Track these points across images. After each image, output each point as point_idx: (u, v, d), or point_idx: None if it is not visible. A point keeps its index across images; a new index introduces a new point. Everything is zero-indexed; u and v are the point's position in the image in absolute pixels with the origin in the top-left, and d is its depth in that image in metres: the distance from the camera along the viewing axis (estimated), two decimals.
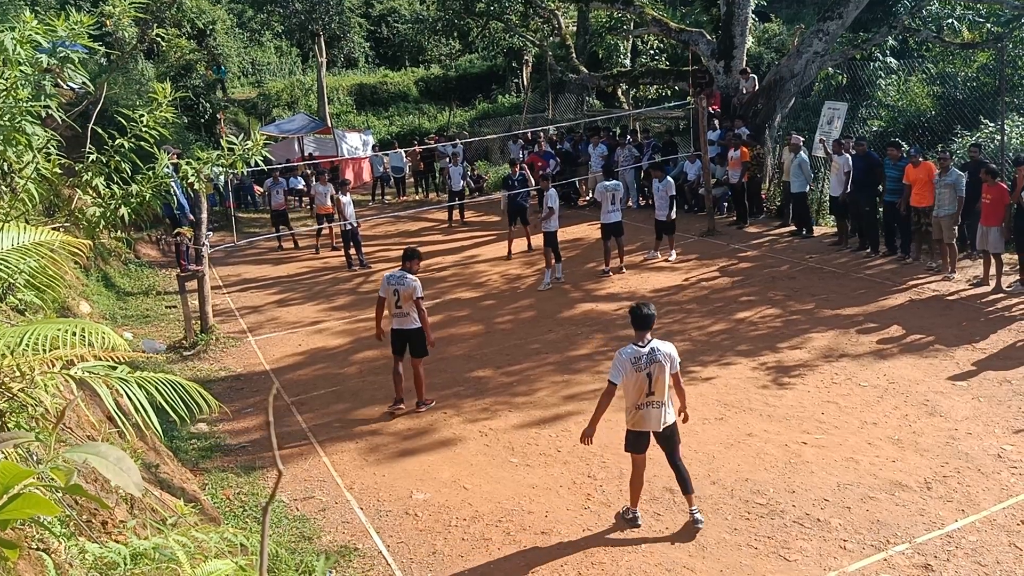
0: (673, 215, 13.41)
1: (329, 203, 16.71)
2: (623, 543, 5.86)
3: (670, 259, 13.44)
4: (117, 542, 3.41)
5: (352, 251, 15.26)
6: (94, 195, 5.58)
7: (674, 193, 13.50)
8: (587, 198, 19.20)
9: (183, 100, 25.18)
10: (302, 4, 30.43)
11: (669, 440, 5.98)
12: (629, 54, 28.18)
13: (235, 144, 5.96)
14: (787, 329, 9.94)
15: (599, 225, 13.07)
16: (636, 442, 5.98)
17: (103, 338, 3.50)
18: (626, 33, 25.60)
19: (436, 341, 8.69)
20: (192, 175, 5.92)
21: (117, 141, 5.54)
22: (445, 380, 9.12)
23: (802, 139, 14.36)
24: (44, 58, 5.04)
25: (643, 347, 5.84)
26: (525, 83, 32.68)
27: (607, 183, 12.92)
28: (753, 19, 19.60)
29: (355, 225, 15.19)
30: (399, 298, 8.12)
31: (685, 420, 6.23)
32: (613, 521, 6.15)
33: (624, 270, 13.08)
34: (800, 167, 13.84)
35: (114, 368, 3.38)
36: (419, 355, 8.32)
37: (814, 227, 14.55)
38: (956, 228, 11.23)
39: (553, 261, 12.79)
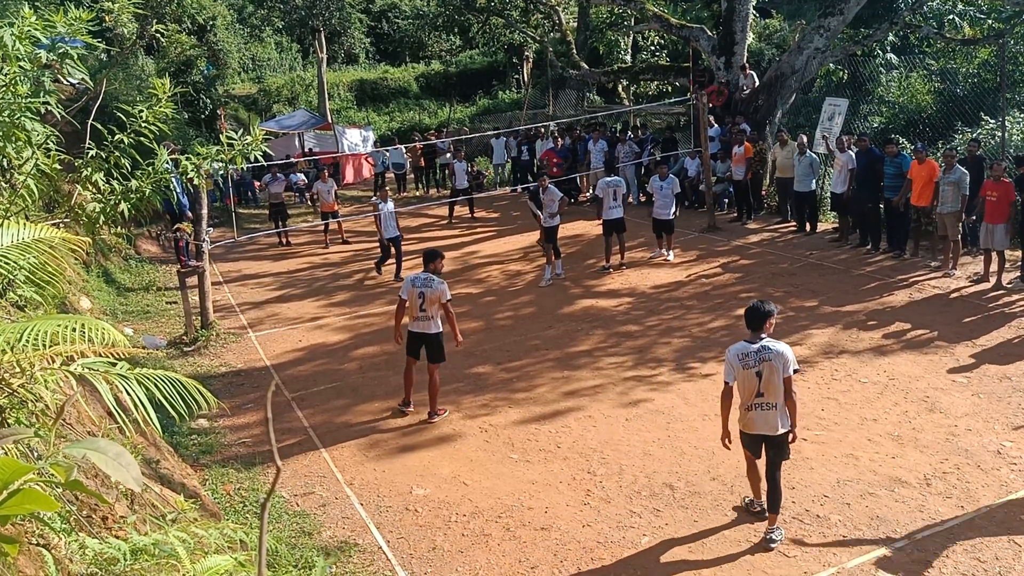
0: (676, 214, 13.36)
1: (333, 200, 16.86)
2: (623, 539, 5.87)
3: (668, 258, 13.37)
4: (117, 538, 3.42)
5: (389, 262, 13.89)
6: (94, 191, 5.58)
7: (679, 191, 13.48)
8: (588, 194, 19.19)
9: (183, 96, 25.27)
10: (302, 0, 30.41)
11: (778, 449, 5.67)
12: (630, 50, 28.17)
13: (234, 140, 5.95)
14: (787, 325, 9.93)
15: (601, 221, 13.04)
16: (749, 444, 5.79)
17: (103, 334, 3.50)
18: (627, 29, 25.60)
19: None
20: (192, 171, 5.92)
21: (117, 137, 5.54)
22: (445, 376, 9.09)
23: (806, 138, 14.34)
24: (43, 54, 5.04)
25: (753, 344, 5.62)
26: (526, 79, 32.68)
27: (608, 179, 12.92)
28: (754, 15, 19.61)
29: (399, 234, 13.82)
30: (424, 301, 7.86)
31: (793, 440, 5.76)
32: (615, 516, 6.16)
33: (625, 267, 13.07)
34: (811, 166, 13.83)
35: (114, 364, 3.38)
36: (436, 360, 8.05)
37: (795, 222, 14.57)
38: (960, 225, 11.22)
39: (553, 257, 12.78)
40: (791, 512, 6.03)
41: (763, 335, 5.65)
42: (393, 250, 13.62)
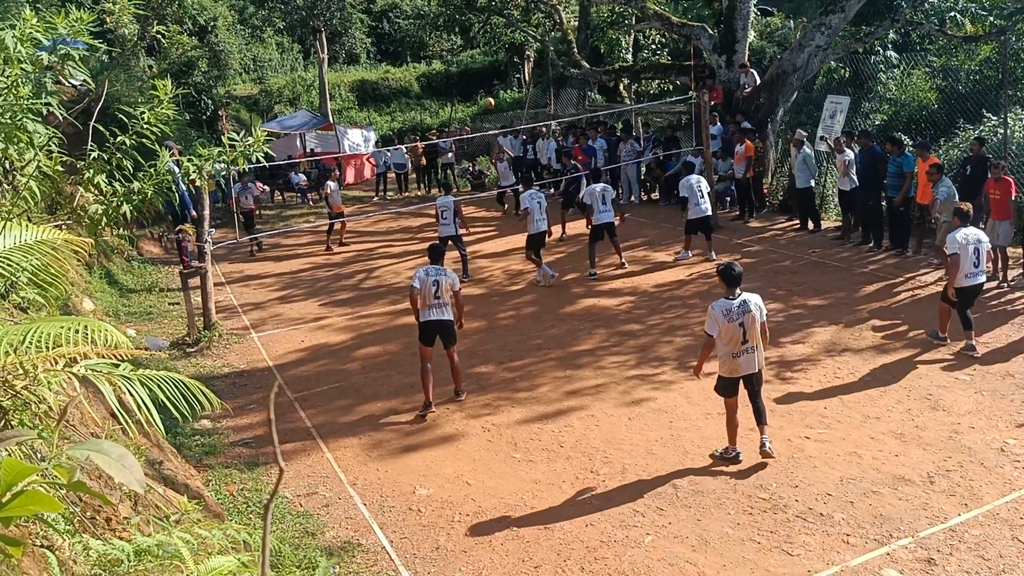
0: (684, 212, 13.18)
1: (340, 201, 16.92)
2: (626, 538, 5.87)
3: (681, 258, 13.28)
4: (121, 539, 3.43)
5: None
6: (96, 192, 5.58)
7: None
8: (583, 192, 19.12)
9: (185, 97, 25.26)
10: (303, 0, 30.40)
11: (758, 382, 6.72)
12: (631, 49, 28.14)
13: (236, 140, 5.96)
14: (789, 324, 9.93)
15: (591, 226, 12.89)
16: (728, 387, 6.68)
17: (106, 335, 3.50)
18: (628, 28, 25.56)
19: None
20: (194, 171, 5.93)
21: (119, 138, 5.55)
22: (448, 375, 9.11)
23: (805, 134, 14.31)
24: (45, 55, 5.04)
25: (734, 299, 6.48)
26: (527, 78, 32.64)
27: (596, 186, 12.87)
28: (755, 13, 19.55)
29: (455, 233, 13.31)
30: (439, 288, 8.16)
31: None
32: (618, 515, 6.15)
33: (626, 265, 13.01)
34: (804, 162, 13.79)
35: (117, 365, 3.38)
36: (453, 343, 8.41)
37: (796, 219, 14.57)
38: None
39: (541, 262, 12.67)
40: (794, 511, 6.03)
41: (738, 291, 6.51)
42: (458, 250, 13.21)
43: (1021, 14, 16.83)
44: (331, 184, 16.92)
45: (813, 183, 14.14)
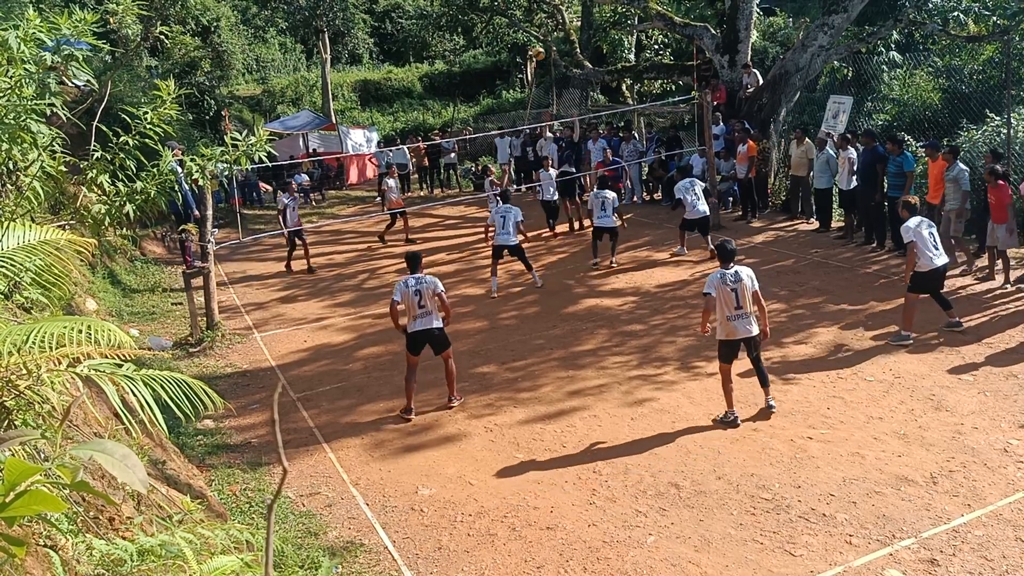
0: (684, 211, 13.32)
1: (399, 197, 17.01)
2: (628, 538, 5.87)
3: (678, 254, 13.39)
4: (124, 539, 3.43)
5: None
6: (99, 193, 5.58)
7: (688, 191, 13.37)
8: (588, 196, 19.08)
9: (187, 97, 25.29)
10: (306, 0, 30.43)
11: (755, 345, 7.50)
12: (633, 49, 28.13)
13: (239, 140, 5.95)
14: (792, 324, 9.92)
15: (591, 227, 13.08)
16: (727, 351, 7.45)
17: (109, 335, 3.51)
18: (630, 28, 25.56)
19: None
20: (196, 171, 5.93)
21: (122, 138, 5.55)
22: (442, 377, 9.12)
23: (830, 134, 14.26)
24: (48, 56, 5.04)
25: (728, 270, 7.39)
26: (529, 78, 32.65)
27: (597, 191, 13.20)
28: (758, 13, 19.55)
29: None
30: (422, 298, 8.00)
31: (765, 337, 7.66)
32: (620, 516, 6.15)
33: (616, 264, 13.07)
34: (827, 163, 13.75)
35: (120, 366, 3.39)
36: (445, 348, 8.24)
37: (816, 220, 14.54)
38: (962, 222, 11.17)
39: (527, 268, 12.65)
40: (797, 511, 6.02)
41: (732, 265, 7.42)
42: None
43: None
44: (390, 181, 17.00)
45: (830, 182, 14.08)
